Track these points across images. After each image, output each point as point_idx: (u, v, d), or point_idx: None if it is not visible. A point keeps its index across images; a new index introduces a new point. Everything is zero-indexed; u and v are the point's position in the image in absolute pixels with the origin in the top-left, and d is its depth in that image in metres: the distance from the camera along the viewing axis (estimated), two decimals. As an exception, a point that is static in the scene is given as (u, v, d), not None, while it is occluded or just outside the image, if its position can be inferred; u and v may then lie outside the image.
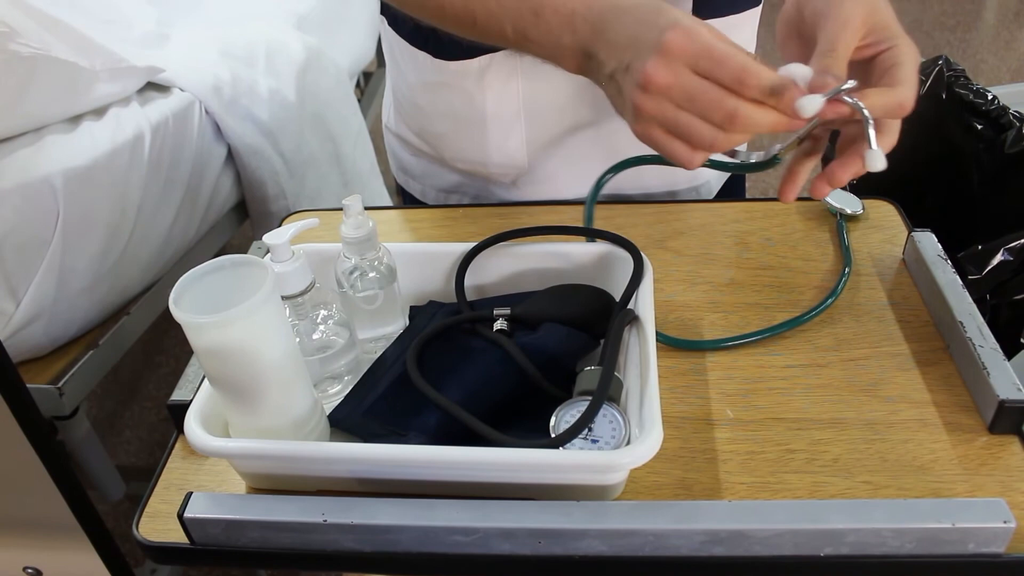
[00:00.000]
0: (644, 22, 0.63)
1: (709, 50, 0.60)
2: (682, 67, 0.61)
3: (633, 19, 0.65)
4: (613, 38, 0.66)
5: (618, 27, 0.65)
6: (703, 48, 0.60)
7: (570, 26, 0.68)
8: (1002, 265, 1.11)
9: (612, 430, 0.63)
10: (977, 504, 0.59)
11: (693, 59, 0.60)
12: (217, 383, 0.63)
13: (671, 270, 0.88)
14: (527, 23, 0.70)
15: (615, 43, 0.65)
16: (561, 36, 0.69)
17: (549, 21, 0.69)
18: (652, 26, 0.62)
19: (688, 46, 0.60)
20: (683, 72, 0.61)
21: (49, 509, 0.74)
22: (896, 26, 0.64)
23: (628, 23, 0.65)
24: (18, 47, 1.22)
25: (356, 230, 0.72)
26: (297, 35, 1.83)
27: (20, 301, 1.23)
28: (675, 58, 0.61)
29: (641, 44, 0.63)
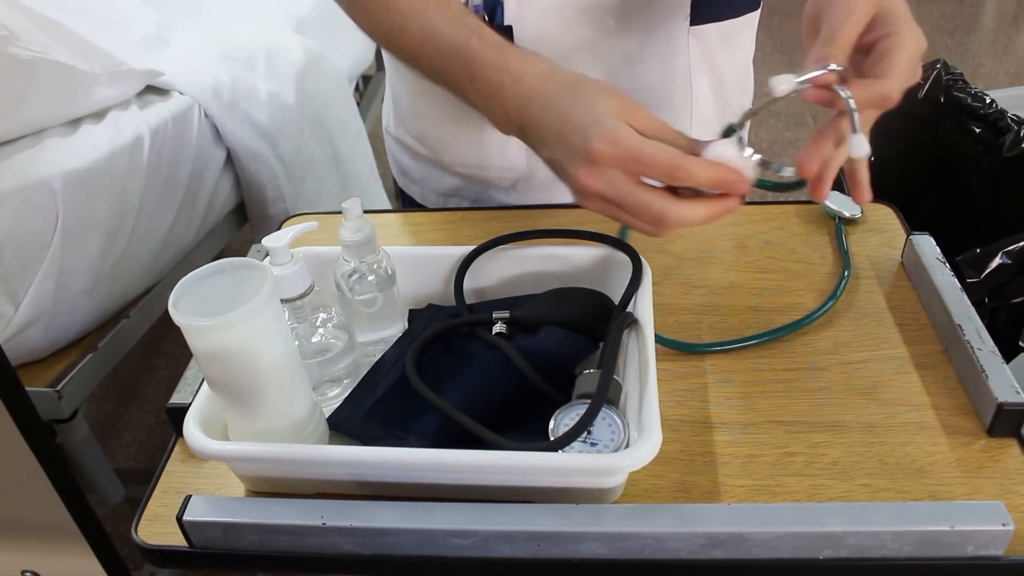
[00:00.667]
0: (569, 122, 0.65)
1: (636, 154, 0.62)
2: (613, 171, 0.63)
3: (556, 116, 0.67)
4: (540, 133, 0.68)
5: (544, 122, 0.68)
6: (629, 153, 0.62)
7: (499, 99, 0.71)
8: (1000, 268, 1.11)
9: (611, 433, 0.63)
10: (976, 507, 0.59)
11: (621, 164, 0.63)
12: (216, 386, 0.63)
13: (670, 273, 0.88)
14: (464, 86, 0.73)
15: (544, 138, 0.68)
16: (493, 107, 0.72)
17: (481, 89, 0.72)
18: (577, 129, 0.64)
19: (615, 153, 0.62)
20: (614, 177, 0.63)
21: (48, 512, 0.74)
22: (903, 13, 0.63)
23: (552, 119, 0.67)
24: (17, 50, 1.22)
25: (355, 233, 0.72)
26: (296, 38, 1.83)
27: (19, 304, 1.23)
28: (604, 165, 0.63)
29: (570, 146, 0.65)
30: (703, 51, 0.92)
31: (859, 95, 0.60)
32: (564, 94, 0.67)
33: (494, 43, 0.72)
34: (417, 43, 0.75)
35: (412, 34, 0.75)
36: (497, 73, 0.70)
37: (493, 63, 0.70)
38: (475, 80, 0.72)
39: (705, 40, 0.92)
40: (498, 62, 0.70)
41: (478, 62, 0.71)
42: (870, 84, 0.61)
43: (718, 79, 0.96)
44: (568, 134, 0.65)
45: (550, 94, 0.68)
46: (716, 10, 0.91)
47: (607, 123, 0.63)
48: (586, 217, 0.93)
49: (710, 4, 0.89)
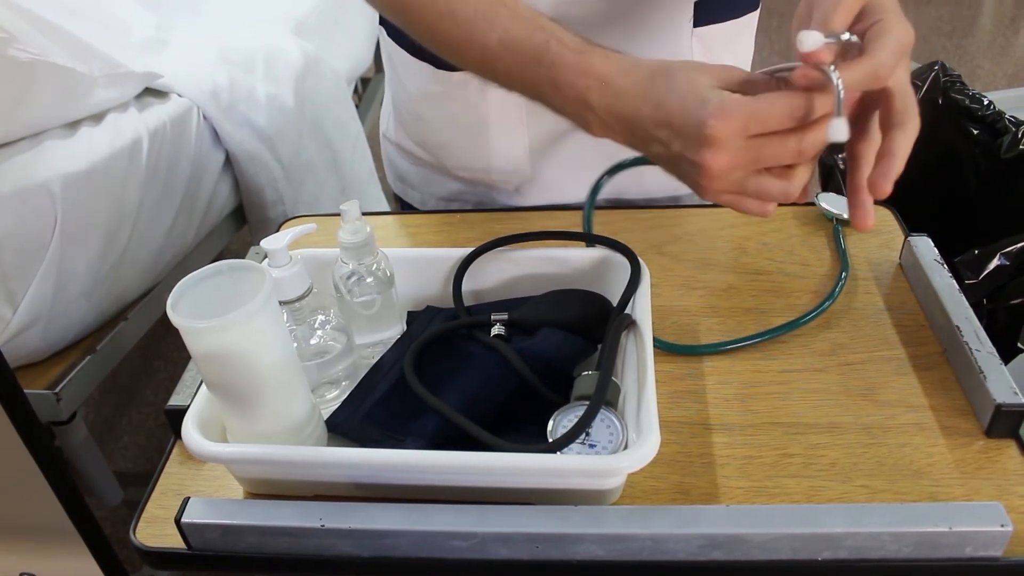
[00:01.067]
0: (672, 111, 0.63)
1: (751, 114, 0.60)
2: (735, 143, 0.61)
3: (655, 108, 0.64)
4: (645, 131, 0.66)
5: (645, 118, 0.65)
6: (745, 117, 0.61)
7: (588, 105, 0.68)
8: (999, 269, 1.11)
9: (609, 435, 0.63)
10: (974, 508, 0.59)
11: (742, 130, 0.61)
12: (215, 388, 0.63)
13: (668, 275, 0.88)
14: (548, 94, 0.70)
15: (651, 134, 0.65)
16: (583, 113, 0.69)
17: (567, 96, 0.69)
18: (686, 114, 0.62)
19: (733, 125, 0.60)
20: (738, 147, 0.61)
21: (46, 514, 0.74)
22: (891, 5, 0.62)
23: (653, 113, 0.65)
24: (16, 52, 1.22)
25: (354, 235, 0.72)
26: (295, 41, 1.83)
27: (18, 306, 1.23)
28: (726, 141, 0.61)
29: (685, 134, 0.63)
30: (706, 52, 0.92)
31: (849, 76, 0.59)
32: (655, 85, 0.65)
33: (574, 46, 0.69)
34: (491, 53, 0.71)
35: (484, 44, 0.71)
36: (582, 78, 0.67)
37: (576, 67, 0.68)
38: (560, 88, 0.69)
39: (708, 41, 0.92)
40: (581, 66, 0.68)
41: (559, 68, 0.68)
42: (859, 62, 0.59)
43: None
44: (677, 123, 0.63)
45: (641, 90, 0.66)
46: (719, 11, 0.91)
47: (711, 97, 0.61)
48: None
49: (712, 5, 0.90)
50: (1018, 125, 1.17)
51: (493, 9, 0.71)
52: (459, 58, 0.75)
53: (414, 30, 0.77)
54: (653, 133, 0.65)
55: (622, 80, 0.66)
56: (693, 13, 0.89)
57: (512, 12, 0.71)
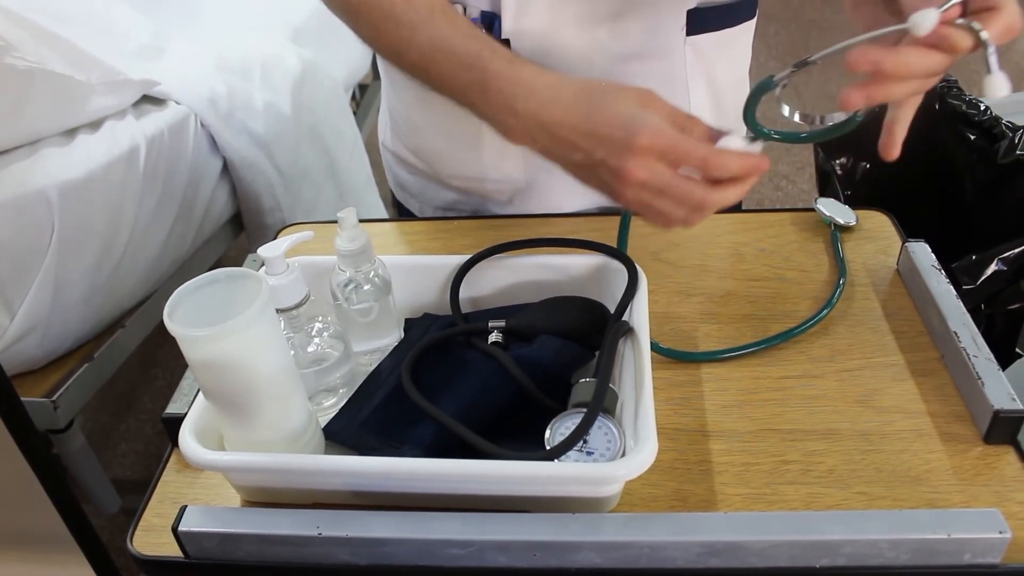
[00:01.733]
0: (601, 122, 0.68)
1: (675, 146, 0.65)
2: (655, 162, 0.66)
3: (582, 118, 0.69)
4: (566, 138, 0.70)
5: (568, 126, 0.69)
6: (670, 145, 0.66)
7: (512, 111, 0.72)
8: (996, 275, 1.11)
9: (607, 442, 0.63)
10: (973, 515, 0.59)
11: (662, 155, 0.66)
12: (212, 396, 0.63)
13: (666, 282, 0.88)
14: (475, 99, 0.74)
15: (572, 141, 0.70)
16: (506, 119, 0.73)
17: (494, 101, 0.73)
18: (615, 127, 0.67)
19: (658, 145, 0.65)
20: (656, 167, 0.66)
21: (44, 523, 0.74)
22: None
23: (578, 122, 0.69)
24: (14, 60, 1.22)
25: (351, 243, 0.72)
26: (293, 48, 1.84)
27: (15, 314, 1.23)
28: (648, 156, 0.66)
29: (610, 143, 0.67)
30: (699, 60, 0.93)
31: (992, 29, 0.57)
32: (582, 98, 0.69)
33: (506, 56, 0.73)
34: (427, 56, 0.75)
35: (421, 47, 0.75)
36: (511, 85, 0.71)
37: (505, 75, 0.71)
38: (488, 92, 0.72)
39: (701, 49, 0.92)
40: (510, 75, 0.71)
41: (490, 74, 0.72)
42: (991, 17, 0.58)
43: (715, 88, 0.97)
44: (604, 133, 0.67)
45: (568, 101, 0.70)
46: (712, 20, 0.91)
47: (645, 118, 0.66)
48: (582, 226, 0.93)
49: (706, 14, 0.90)
50: (1015, 130, 1.17)
51: (432, 16, 0.75)
52: (398, 60, 0.79)
53: (360, 31, 0.81)
54: (575, 141, 0.69)
55: (549, 91, 0.71)
56: (686, 21, 0.89)
57: (450, 20, 0.75)
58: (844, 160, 1.39)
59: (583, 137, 0.69)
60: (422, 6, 0.75)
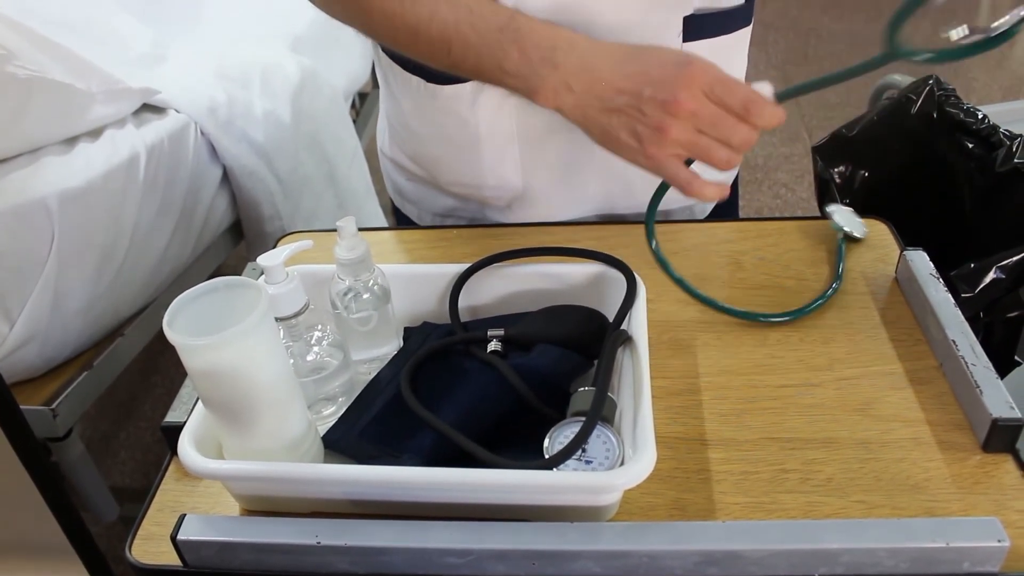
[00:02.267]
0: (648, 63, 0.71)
1: (722, 80, 0.68)
2: (703, 95, 0.68)
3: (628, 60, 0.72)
4: (611, 80, 0.72)
5: (613, 70, 0.72)
6: (717, 78, 0.68)
7: (552, 63, 0.74)
8: (994, 283, 1.11)
9: (606, 451, 0.63)
10: (971, 523, 0.59)
11: (709, 87, 0.68)
12: (211, 405, 0.63)
13: (664, 290, 0.88)
14: (505, 56, 0.75)
15: (617, 84, 0.72)
16: (545, 74, 0.74)
17: (531, 57, 0.74)
18: (664, 64, 0.70)
19: (706, 76, 0.68)
20: (704, 100, 0.68)
21: (42, 531, 0.74)
22: None
23: (624, 66, 0.72)
24: (15, 69, 1.23)
25: (350, 251, 0.72)
26: (292, 56, 1.84)
27: (14, 322, 1.23)
28: (698, 87, 0.68)
29: (659, 79, 0.69)
30: None
31: None
32: (627, 49, 0.73)
33: (540, 18, 0.75)
34: (451, 27, 0.76)
35: (445, 19, 0.76)
36: (551, 38, 0.74)
37: (543, 31, 0.74)
38: (525, 49, 0.74)
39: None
40: (549, 31, 0.74)
41: (525, 31, 0.74)
42: None
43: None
44: (654, 71, 0.70)
45: (612, 51, 0.73)
46: (708, 27, 0.91)
47: (693, 57, 0.69)
48: (581, 235, 0.93)
49: (702, 21, 0.90)
50: (1012, 139, 1.18)
51: None
52: (413, 40, 0.80)
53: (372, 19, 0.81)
54: (620, 84, 0.71)
55: (591, 44, 0.74)
56: (682, 28, 0.89)
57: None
58: (843, 168, 1.39)
59: (630, 77, 0.71)
60: None
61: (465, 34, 0.76)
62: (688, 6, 0.88)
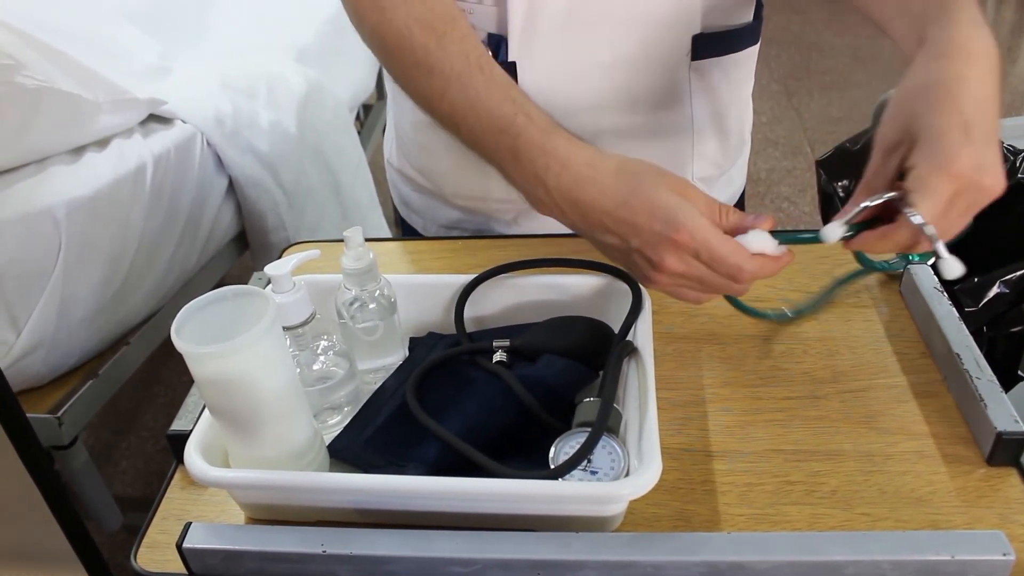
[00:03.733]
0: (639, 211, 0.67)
1: (710, 249, 0.65)
2: (690, 259, 0.66)
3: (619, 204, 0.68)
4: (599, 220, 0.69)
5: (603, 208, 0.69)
6: (705, 247, 0.65)
7: (543, 183, 0.71)
8: (998, 298, 1.11)
9: (611, 461, 0.63)
10: (976, 536, 0.59)
11: (695, 253, 0.66)
12: (218, 413, 0.63)
13: (669, 302, 0.88)
14: (506, 163, 0.73)
15: (606, 225, 0.69)
16: (536, 189, 0.72)
17: (524, 170, 0.71)
18: (653, 218, 0.66)
19: (694, 244, 0.65)
20: (691, 261, 0.67)
21: (46, 539, 0.74)
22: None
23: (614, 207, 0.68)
24: (23, 79, 1.23)
25: (357, 261, 0.73)
26: (297, 68, 1.85)
27: (21, 331, 1.24)
28: (685, 252, 0.66)
29: (647, 234, 0.67)
30: (704, 85, 0.93)
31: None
32: (619, 181, 0.68)
33: (541, 124, 0.71)
34: (459, 112, 0.74)
35: (453, 101, 0.74)
36: (543, 157, 0.70)
37: (539, 145, 0.70)
38: (519, 161, 0.71)
39: (706, 74, 0.93)
40: (544, 145, 0.70)
41: (522, 141, 0.71)
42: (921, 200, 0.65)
43: (719, 112, 0.97)
44: (641, 223, 0.67)
45: (603, 182, 0.68)
46: (717, 45, 0.92)
47: (684, 214, 0.65)
48: (586, 246, 0.93)
49: (711, 39, 0.90)
50: (1016, 153, 1.18)
51: (469, 71, 0.73)
52: (429, 109, 0.78)
53: (395, 75, 0.81)
54: (609, 226, 0.69)
55: (583, 168, 0.69)
56: (691, 47, 0.90)
57: (488, 79, 0.73)
58: (846, 182, 1.39)
59: (618, 223, 0.68)
60: (457, 56, 0.73)
61: (471, 125, 0.74)
62: (697, 25, 0.89)
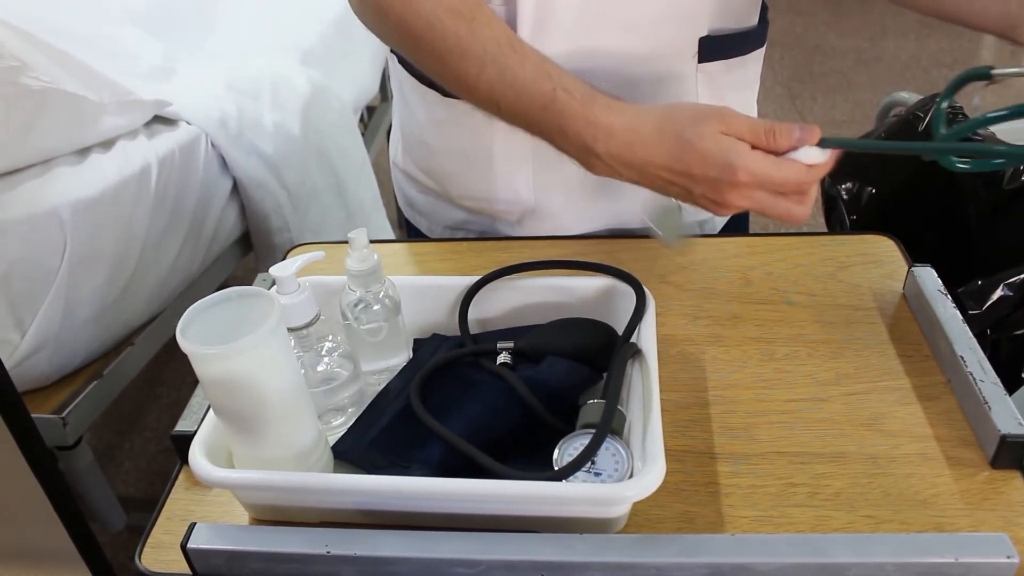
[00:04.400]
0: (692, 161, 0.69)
1: (771, 179, 0.69)
2: (753, 191, 0.69)
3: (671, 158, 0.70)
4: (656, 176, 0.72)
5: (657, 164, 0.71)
6: (767, 179, 0.69)
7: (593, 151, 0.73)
8: (1002, 300, 1.11)
9: (615, 463, 0.63)
10: (980, 539, 0.59)
11: (760, 185, 0.69)
12: (222, 414, 0.64)
13: (673, 304, 0.89)
14: (554, 138, 0.75)
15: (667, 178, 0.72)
16: (588, 158, 0.74)
17: (573, 142, 0.74)
18: (710, 165, 0.69)
19: (755, 180, 0.68)
20: (755, 194, 0.70)
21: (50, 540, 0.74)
22: None
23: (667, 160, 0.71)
24: (28, 80, 1.24)
25: (361, 263, 0.73)
26: (302, 70, 1.85)
27: (26, 331, 1.24)
28: (743, 188, 0.69)
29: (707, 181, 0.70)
30: (711, 87, 0.93)
31: None
32: (666, 137, 0.71)
33: (580, 96, 0.73)
34: (497, 92, 0.75)
35: (491, 82, 0.75)
36: (589, 128, 0.72)
37: (582, 118, 0.72)
38: (567, 135, 0.74)
39: (713, 76, 0.93)
40: (588, 117, 0.72)
41: (566, 117, 0.73)
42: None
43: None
44: (699, 173, 0.69)
45: (651, 140, 0.71)
46: (724, 48, 0.92)
47: (737, 156, 0.68)
48: (590, 248, 0.93)
49: (718, 42, 0.91)
50: (1020, 157, 1.18)
51: (502, 51, 0.75)
52: (466, 93, 0.79)
53: (424, 63, 0.81)
54: (669, 179, 0.72)
55: (628, 134, 0.72)
56: (698, 49, 0.90)
57: (521, 57, 0.75)
58: (850, 185, 1.39)
59: (677, 176, 0.71)
60: (488, 39, 0.75)
61: (512, 104, 0.75)
62: (703, 28, 0.89)
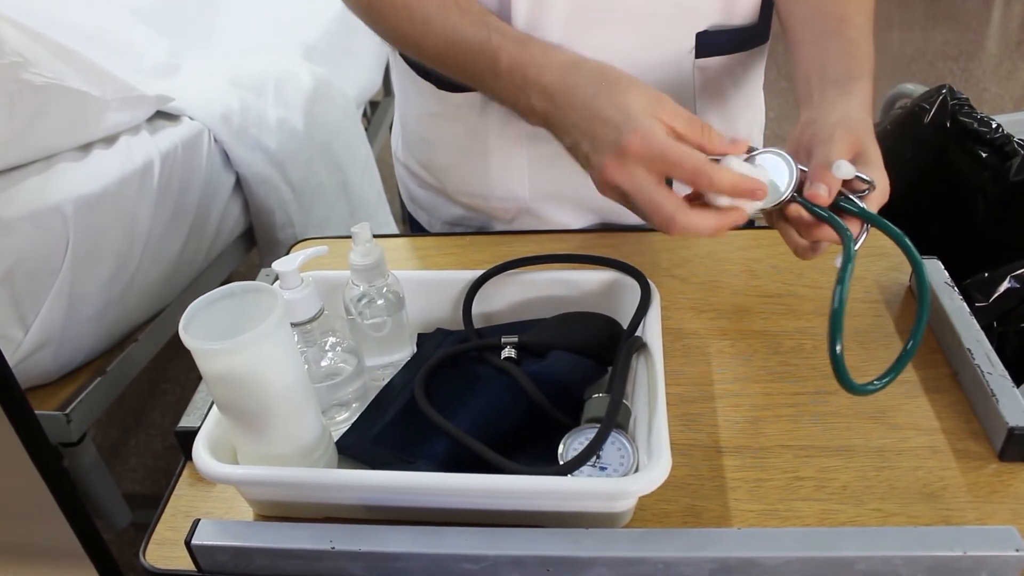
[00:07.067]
0: (597, 115, 0.67)
1: (664, 155, 0.64)
2: (637, 168, 0.65)
3: (582, 108, 0.69)
4: (564, 123, 0.71)
5: (570, 113, 0.70)
6: (658, 152, 0.64)
7: (524, 92, 0.73)
8: (1009, 292, 1.10)
9: (621, 457, 0.63)
10: (989, 532, 0.58)
11: (648, 161, 0.65)
12: (226, 410, 0.63)
13: (678, 298, 0.88)
14: (489, 82, 0.76)
15: (568, 128, 0.71)
16: (518, 100, 0.74)
17: (505, 84, 0.74)
18: (607, 123, 0.66)
19: (644, 151, 0.65)
20: (636, 173, 0.66)
21: (55, 536, 0.74)
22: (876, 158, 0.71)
23: (578, 111, 0.69)
24: (31, 76, 1.23)
25: (365, 257, 0.73)
26: (305, 65, 1.85)
27: (29, 328, 1.24)
28: (631, 160, 0.65)
29: (598, 138, 0.67)
30: (709, 84, 0.93)
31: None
32: (589, 87, 0.69)
33: (515, 37, 0.75)
34: (441, 46, 0.78)
35: (436, 37, 0.78)
36: (521, 68, 0.73)
37: (516, 58, 0.73)
38: (499, 76, 0.74)
39: (711, 72, 0.92)
40: (521, 57, 0.73)
41: (500, 57, 0.74)
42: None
43: (724, 108, 0.97)
44: (596, 127, 0.67)
45: (574, 86, 0.70)
46: (721, 44, 0.91)
47: (641, 121, 0.65)
48: (594, 242, 0.93)
49: (716, 37, 0.90)
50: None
51: (445, 7, 0.77)
52: (419, 53, 0.82)
53: (379, 27, 0.83)
54: (570, 129, 0.70)
55: (557, 74, 0.71)
56: (695, 44, 0.89)
57: (462, 10, 0.77)
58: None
59: (576, 127, 0.69)
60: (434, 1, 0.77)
61: (454, 56, 0.78)
62: (701, 23, 0.88)
